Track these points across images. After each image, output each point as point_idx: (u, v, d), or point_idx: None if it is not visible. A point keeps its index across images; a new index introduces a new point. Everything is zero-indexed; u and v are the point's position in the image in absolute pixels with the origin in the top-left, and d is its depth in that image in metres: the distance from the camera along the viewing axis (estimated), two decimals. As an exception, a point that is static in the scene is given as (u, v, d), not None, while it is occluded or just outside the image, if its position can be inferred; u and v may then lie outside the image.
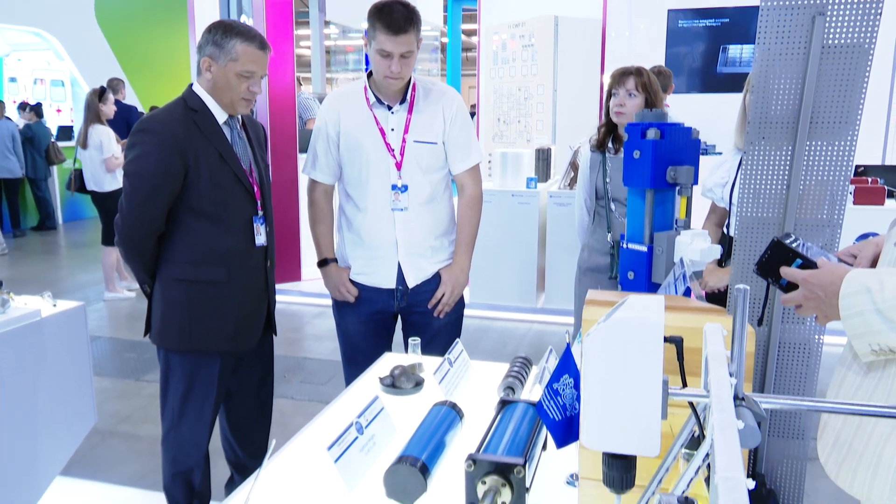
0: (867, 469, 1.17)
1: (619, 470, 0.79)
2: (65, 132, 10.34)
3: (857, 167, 4.82)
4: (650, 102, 2.76)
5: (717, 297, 2.52)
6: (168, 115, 2.07)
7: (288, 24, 5.93)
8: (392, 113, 2.34)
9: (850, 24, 1.53)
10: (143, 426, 3.59)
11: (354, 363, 2.44)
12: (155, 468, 3.08)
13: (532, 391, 1.72)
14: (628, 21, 6.09)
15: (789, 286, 1.28)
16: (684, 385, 0.82)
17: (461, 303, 2.52)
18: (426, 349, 2.16)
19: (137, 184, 2.03)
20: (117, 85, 7.34)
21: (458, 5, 11.51)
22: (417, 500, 1.28)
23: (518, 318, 5.38)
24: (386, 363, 2.01)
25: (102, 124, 5.69)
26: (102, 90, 5.74)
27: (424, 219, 2.37)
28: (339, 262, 2.48)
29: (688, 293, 1.46)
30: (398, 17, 2.16)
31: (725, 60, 5.73)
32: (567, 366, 1.20)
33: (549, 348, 1.75)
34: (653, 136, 1.59)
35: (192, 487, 2.25)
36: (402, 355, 2.05)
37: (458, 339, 1.92)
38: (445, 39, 12.47)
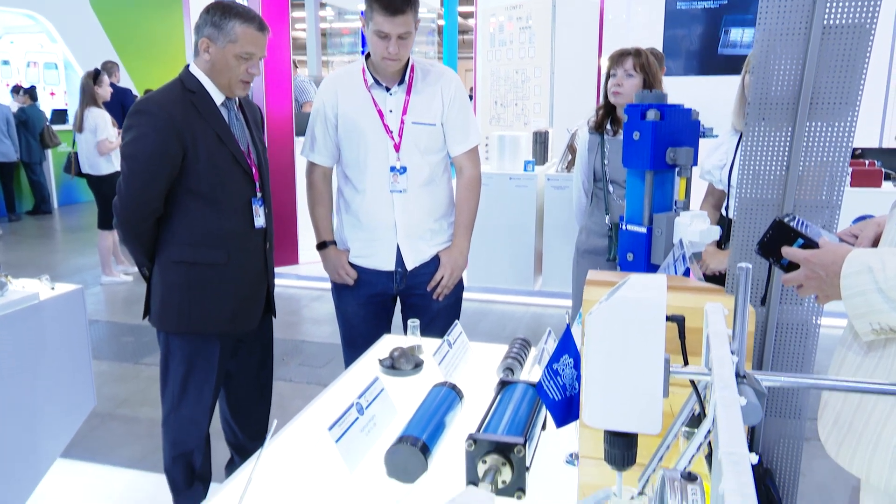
0: (867, 447, 1.18)
1: (621, 447, 0.80)
2: (59, 115, 10.28)
3: (854, 150, 4.82)
4: (648, 83, 2.75)
5: (716, 280, 2.53)
6: (165, 97, 2.05)
7: (283, 5, 5.89)
8: (390, 94, 2.33)
9: (852, 5, 1.52)
10: (142, 409, 3.60)
11: (354, 345, 2.44)
12: (154, 450, 3.09)
13: (531, 372, 1.73)
14: (626, 3, 6.05)
15: (790, 266, 1.29)
16: (686, 363, 0.82)
17: (460, 285, 2.53)
18: (425, 331, 2.16)
19: (135, 166, 2.02)
20: (112, 68, 7.28)
21: (454, -13, 11.41)
22: (418, 479, 1.29)
23: (516, 300, 5.40)
24: (385, 345, 2.01)
25: (98, 107, 5.65)
26: (97, 72, 5.70)
27: (423, 201, 2.37)
28: (337, 245, 2.48)
29: (687, 274, 1.46)
30: None
31: (727, 42, 5.70)
32: (567, 346, 1.21)
33: (548, 329, 1.76)
34: (653, 118, 1.59)
35: (192, 469, 2.26)
36: (402, 337, 2.06)
37: (457, 321, 1.93)
38: (442, 22, 12.38)
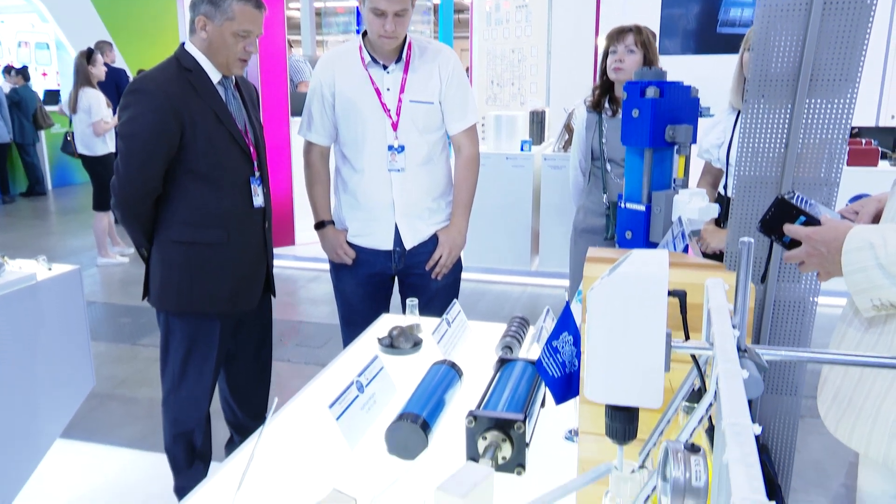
0: (866, 421, 1.19)
1: (622, 422, 0.80)
2: (51, 96, 10.18)
3: (850, 129, 4.82)
4: (648, 60, 2.74)
5: (716, 259, 2.53)
6: (162, 75, 2.03)
7: (278, -17, 5.83)
8: (387, 72, 2.31)
9: (852, -20, 1.51)
10: (141, 389, 3.61)
11: (352, 325, 2.45)
12: (154, 430, 3.11)
13: (530, 350, 1.74)
14: (624, -20, 5.99)
15: (792, 243, 1.29)
16: (687, 338, 0.82)
17: (459, 265, 2.53)
18: (423, 311, 2.16)
19: (133, 145, 2.01)
20: (105, 47, 7.21)
21: (450, -35, 11.29)
22: (418, 456, 1.30)
23: (512, 281, 5.41)
24: (384, 324, 2.01)
25: (93, 87, 5.61)
26: (90, 52, 5.65)
27: (421, 180, 2.36)
28: (336, 225, 2.47)
29: (686, 251, 1.46)
30: None
31: (726, 20, 5.67)
32: (566, 324, 1.21)
33: (547, 308, 1.76)
34: (652, 95, 1.58)
35: (193, 448, 2.27)
36: (400, 316, 2.06)
37: (455, 300, 1.93)
38: (437, 0, 12.26)
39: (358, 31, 2.38)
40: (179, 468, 2.29)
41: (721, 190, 2.67)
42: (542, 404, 1.47)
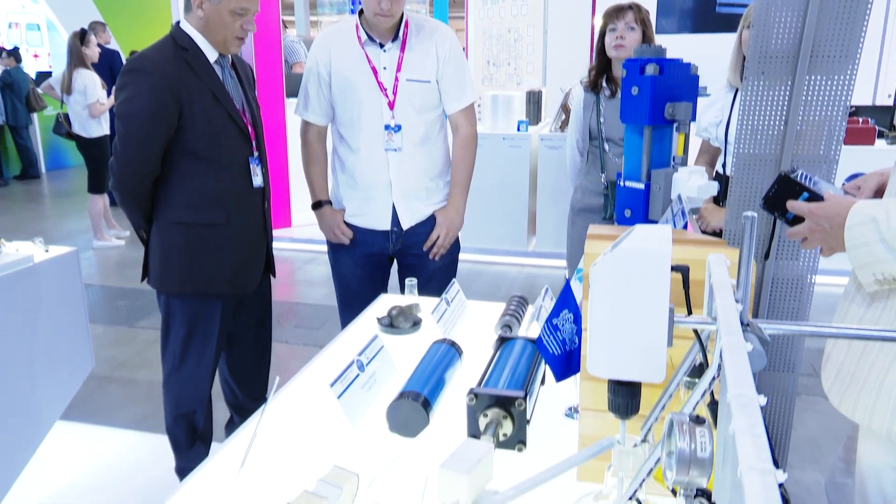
0: (869, 395, 1.21)
1: (625, 396, 0.80)
2: (44, 78, 10.07)
3: (850, 106, 4.81)
4: (647, 38, 2.73)
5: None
6: (158, 54, 2.01)
7: (271, -38, 5.76)
8: (384, 51, 2.29)
9: (853, -45, 1.50)
10: (140, 371, 3.62)
11: (350, 306, 2.45)
12: (153, 411, 3.12)
13: (529, 329, 1.74)
14: (621, -42, 5.93)
15: (795, 220, 1.29)
16: (689, 313, 0.83)
17: (456, 245, 2.52)
18: (421, 291, 2.16)
19: (131, 126, 1.99)
20: (98, 28, 7.13)
21: (445, -57, 11.18)
22: (420, 433, 1.30)
23: (509, 261, 5.41)
24: (383, 304, 2.02)
25: (87, 68, 5.55)
26: (84, 32, 5.59)
27: (419, 159, 2.35)
28: (333, 205, 2.46)
29: (685, 229, 1.47)
30: None
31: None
32: (566, 301, 1.21)
33: (546, 287, 1.77)
34: (651, 72, 1.57)
35: (194, 429, 2.27)
36: (399, 296, 2.06)
37: (454, 280, 1.93)
38: (432, -21, 12.14)
39: (353, 11, 2.34)
40: (181, 449, 2.30)
41: (719, 168, 2.67)
42: (542, 382, 1.48)
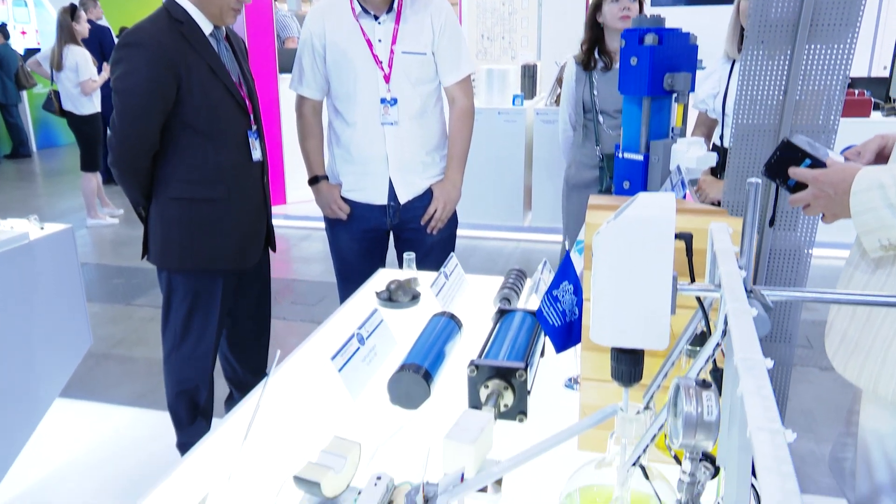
0: (875, 361, 1.22)
1: (628, 364, 0.80)
2: (32, 55, 9.94)
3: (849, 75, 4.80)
4: (641, 9, 2.73)
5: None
6: (153, 27, 1.98)
7: (262, -65, 5.67)
8: (379, 23, 2.26)
9: (855, -79, 1.49)
10: (138, 348, 3.62)
11: (348, 281, 2.45)
12: (153, 388, 3.13)
13: (528, 302, 1.75)
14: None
15: (797, 187, 1.29)
16: (692, 281, 0.83)
17: (454, 219, 2.52)
18: (419, 266, 2.16)
19: (129, 101, 1.96)
20: (90, 4, 7.02)
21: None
22: (421, 405, 1.31)
23: (505, 236, 5.41)
24: (381, 278, 2.02)
25: (78, 45, 5.48)
26: (74, 8, 5.50)
27: (415, 133, 2.34)
28: (329, 180, 2.45)
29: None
30: None
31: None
32: (566, 273, 1.21)
33: (544, 260, 1.77)
34: (651, 42, 1.55)
35: (196, 405, 2.27)
36: (398, 271, 2.06)
37: (452, 254, 1.93)
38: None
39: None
40: (182, 425, 2.30)
41: (716, 140, 2.67)
42: (542, 354, 1.49)
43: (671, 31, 1.61)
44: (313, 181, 2.45)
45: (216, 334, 2.22)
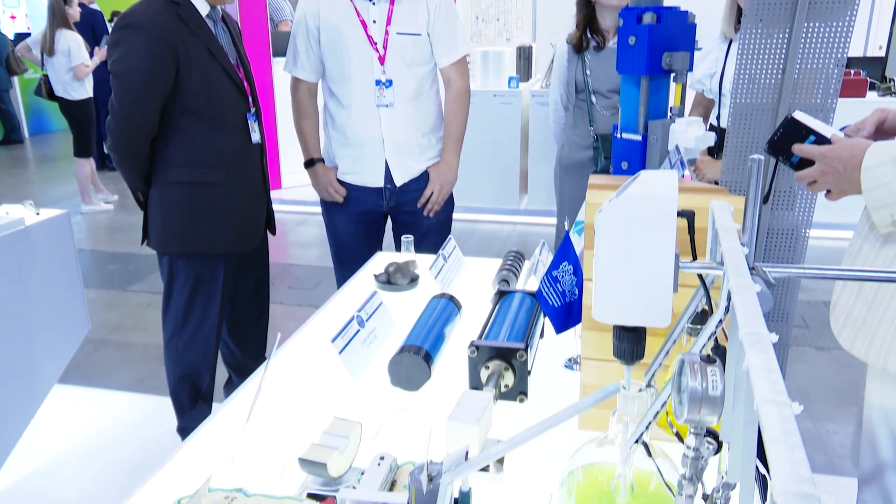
0: (884, 338, 1.21)
1: (630, 342, 0.81)
2: (22, 40, 9.84)
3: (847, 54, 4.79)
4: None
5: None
6: (150, 8, 1.95)
7: (253, -84, 5.60)
8: (373, 4, 2.24)
9: None
10: (135, 334, 3.62)
11: (345, 264, 2.44)
12: (152, 373, 3.13)
13: (526, 284, 1.75)
14: None
15: (801, 163, 1.28)
16: (694, 258, 0.83)
17: (450, 202, 2.51)
18: (416, 248, 2.16)
19: (128, 83, 1.94)
20: (78, -14, 6.94)
21: None
22: (422, 387, 1.31)
23: (501, 220, 5.41)
24: (379, 261, 2.01)
25: (70, 29, 5.42)
26: (64, -9, 5.45)
27: (411, 115, 2.33)
28: (325, 162, 2.44)
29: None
30: None
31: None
32: (566, 253, 1.21)
33: (542, 241, 1.77)
34: (649, 21, 1.55)
35: (198, 390, 2.27)
36: (396, 254, 2.06)
37: (450, 236, 1.93)
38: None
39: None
40: (184, 409, 2.30)
41: (713, 121, 2.66)
42: (541, 335, 1.49)
43: (669, 9, 1.60)
44: (309, 164, 2.44)
45: (218, 318, 2.21)
